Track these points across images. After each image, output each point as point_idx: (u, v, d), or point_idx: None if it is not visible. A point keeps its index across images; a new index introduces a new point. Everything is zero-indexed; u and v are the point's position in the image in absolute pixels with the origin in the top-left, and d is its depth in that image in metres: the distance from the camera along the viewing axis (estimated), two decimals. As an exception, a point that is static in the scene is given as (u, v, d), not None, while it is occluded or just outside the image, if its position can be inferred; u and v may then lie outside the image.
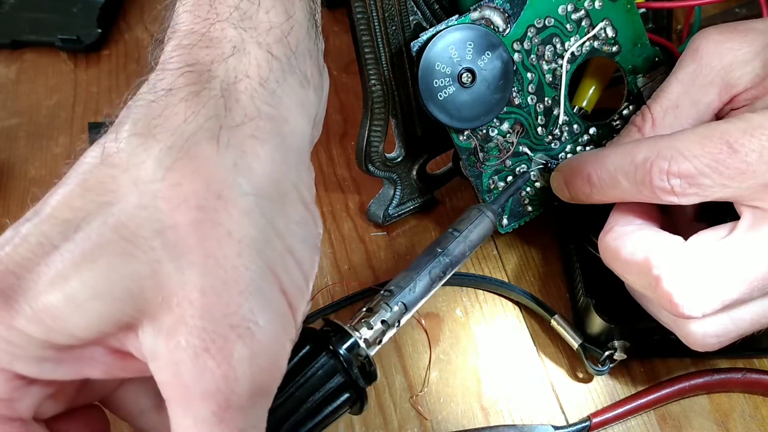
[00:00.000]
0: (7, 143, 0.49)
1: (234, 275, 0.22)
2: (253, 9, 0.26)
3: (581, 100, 0.40)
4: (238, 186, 0.23)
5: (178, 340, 0.22)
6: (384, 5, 0.34)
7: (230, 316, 0.22)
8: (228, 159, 0.23)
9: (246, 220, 0.23)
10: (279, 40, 0.26)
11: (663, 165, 0.29)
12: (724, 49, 0.32)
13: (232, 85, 0.24)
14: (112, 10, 0.56)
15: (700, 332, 0.30)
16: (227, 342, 0.22)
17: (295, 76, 0.26)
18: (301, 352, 0.28)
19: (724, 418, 0.34)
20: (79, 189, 0.22)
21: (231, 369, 0.22)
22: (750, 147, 0.28)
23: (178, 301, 0.22)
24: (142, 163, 0.22)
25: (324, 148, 0.47)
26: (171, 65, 0.25)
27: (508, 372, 0.36)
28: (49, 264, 0.21)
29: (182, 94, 0.24)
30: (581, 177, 0.33)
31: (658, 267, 0.29)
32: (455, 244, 0.33)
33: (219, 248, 0.22)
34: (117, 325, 0.22)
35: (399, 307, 0.31)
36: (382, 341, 0.30)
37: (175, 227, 0.22)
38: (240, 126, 0.24)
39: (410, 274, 0.32)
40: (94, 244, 0.21)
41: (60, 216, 0.22)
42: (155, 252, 0.22)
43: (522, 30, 0.35)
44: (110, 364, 0.24)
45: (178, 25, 0.26)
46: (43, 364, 0.22)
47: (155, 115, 0.23)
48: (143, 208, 0.22)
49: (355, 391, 0.28)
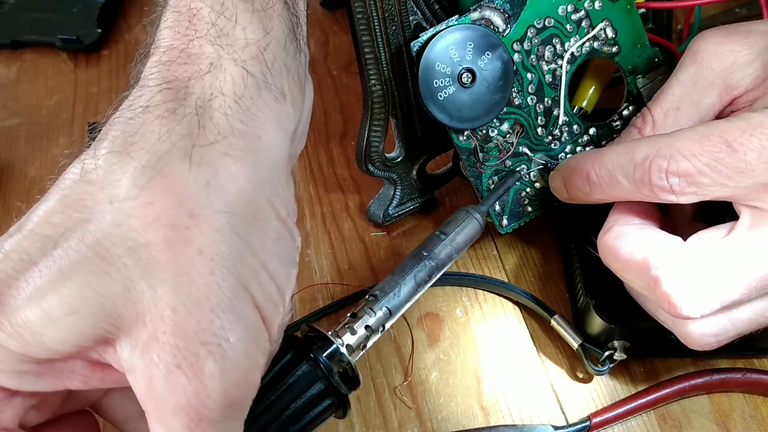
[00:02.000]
0: (7, 143, 0.49)
1: (206, 292, 0.23)
2: (230, 26, 0.26)
3: (581, 101, 0.40)
4: (210, 204, 0.23)
5: (151, 356, 0.22)
6: (384, 5, 0.34)
7: (201, 333, 0.22)
8: (200, 177, 0.23)
9: (218, 237, 0.23)
10: (255, 57, 0.26)
11: (662, 164, 0.29)
12: (725, 51, 0.32)
13: (207, 102, 0.25)
14: (112, 10, 0.56)
15: (699, 332, 0.30)
16: (198, 358, 0.22)
17: (271, 92, 0.26)
18: (283, 360, 0.28)
19: (724, 418, 0.34)
20: (59, 205, 0.23)
21: (202, 385, 0.22)
22: (749, 146, 0.28)
23: (151, 318, 0.22)
24: (118, 181, 0.23)
25: (324, 148, 0.47)
26: (150, 82, 0.25)
27: (508, 372, 0.36)
28: (28, 280, 0.22)
29: (159, 111, 0.24)
30: (580, 176, 0.33)
31: (656, 267, 0.29)
32: (441, 247, 0.33)
33: (191, 266, 0.23)
34: (94, 339, 0.23)
35: (383, 312, 0.31)
36: (367, 346, 0.30)
37: (147, 245, 0.22)
38: (213, 144, 0.24)
39: (395, 278, 0.32)
40: (70, 261, 0.22)
41: (40, 232, 0.23)
42: (128, 269, 0.22)
43: (522, 30, 0.36)
44: (90, 376, 0.24)
45: (159, 41, 0.26)
46: (23, 377, 0.23)
47: (132, 132, 0.24)
48: (117, 226, 0.22)
49: (337, 397, 0.28)
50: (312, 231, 0.42)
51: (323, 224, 0.43)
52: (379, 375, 0.37)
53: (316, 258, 0.41)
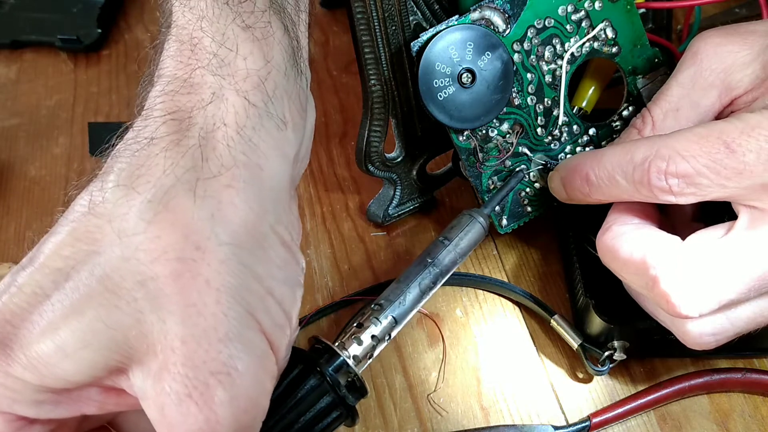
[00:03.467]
0: (7, 143, 0.49)
1: (213, 323, 0.23)
2: (231, 56, 0.26)
3: (581, 101, 0.40)
4: (215, 236, 0.24)
5: (162, 385, 0.23)
6: (384, 5, 0.34)
7: (210, 362, 0.23)
8: (205, 210, 0.24)
9: (224, 268, 0.24)
10: (256, 86, 0.26)
11: (661, 165, 0.29)
12: (724, 51, 0.32)
13: (210, 133, 0.25)
14: (112, 10, 0.56)
15: (697, 331, 0.30)
16: (208, 388, 0.23)
17: (273, 120, 0.27)
18: (291, 375, 0.28)
19: (724, 418, 0.34)
20: (69, 238, 0.24)
21: (212, 413, 0.23)
22: (747, 147, 0.28)
23: (161, 349, 0.23)
24: (125, 215, 0.23)
25: (324, 148, 0.47)
26: (155, 113, 0.26)
27: (508, 372, 0.36)
28: (42, 314, 0.23)
29: (163, 143, 0.25)
30: (580, 176, 0.33)
31: (655, 267, 0.29)
32: (445, 253, 0.33)
33: (198, 297, 0.23)
34: (107, 369, 0.23)
35: (389, 320, 0.31)
36: (373, 356, 0.31)
37: (155, 278, 0.23)
38: (216, 177, 0.24)
39: (400, 286, 0.32)
40: (81, 295, 0.23)
41: (52, 265, 0.23)
42: (138, 303, 0.23)
43: (522, 30, 0.36)
44: (105, 401, 0.25)
45: (162, 70, 0.27)
46: (41, 406, 0.24)
47: (138, 165, 0.24)
48: (126, 260, 0.23)
49: (345, 408, 0.29)
50: (312, 231, 0.43)
51: (323, 224, 0.43)
52: (379, 375, 0.37)
53: (316, 258, 0.41)
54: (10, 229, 0.44)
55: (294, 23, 0.30)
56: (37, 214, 0.44)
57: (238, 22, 0.27)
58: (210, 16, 0.27)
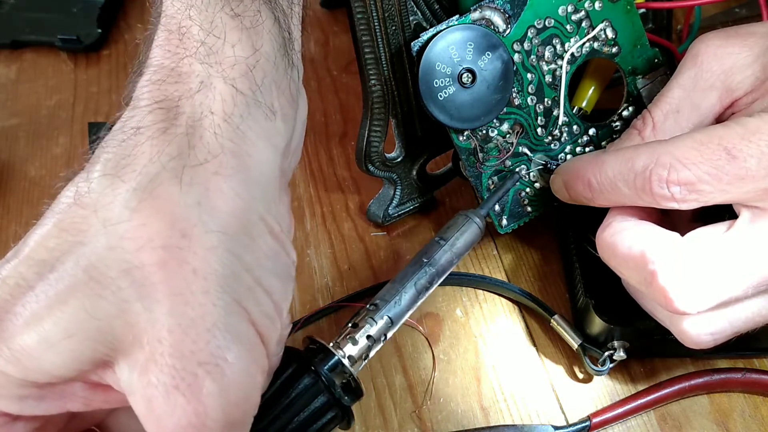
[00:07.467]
0: (7, 143, 0.49)
1: (201, 312, 0.23)
2: (219, 44, 0.26)
3: (581, 101, 0.40)
4: (203, 224, 0.23)
5: (149, 377, 0.22)
6: (384, 5, 0.34)
7: (198, 353, 0.22)
8: (191, 198, 0.23)
9: (211, 256, 0.23)
10: (244, 74, 0.26)
11: (662, 173, 0.29)
12: (725, 53, 0.32)
13: (198, 121, 0.25)
14: (112, 10, 0.56)
15: (695, 329, 0.30)
16: (196, 379, 0.22)
17: (261, 109, 0.26)
18: (285, 374, 0.28)
19: (724, 418, 0.34)
20: (54, 229, 0.23)
21: (201, 404, 0.22)
22: (748, 152, 0.28)
23: (148, 340, 0.22)
24: (110, 204, 0.23)
25: (324, 148, 0.47)
26: (141, 102, 0.25)
27: (508, 372, 0.36)
28: (25, 305, 0.22)
29: (149, 132, 0.24)
30: (582, 182, 0.33)
31: (654, 262, 0.29)
32: (441, 253, 0.33)
33: (185, 286, 0.23)
34: (92, 362, 0.23)
35: (384, 321, 0.31)
36: (369, 356, 0.30)
37: (141, 267, 0.22)
38: (203, 164, 0.24)
39: (395, 286, 0.32)
40: (66, 285, 0.22)
41: (36, 257, 0.23)
42: (123, 292, 0.22)
43: (522, 31, 0.36)
44: (91, 398, 0.25)
45: (150, 60, 0.27)
46: (24, 401, 0.23)
47: (124, 154, 0.24)
48: (111, 249, 0.23)
49: (340, 409, 0.28)
50: (312, 231, 0.43)
51: (323, 224, 0.43)
52: (379, 375, 0.37)
53: (316, 258, 0.41)
54: (9, 229, 0.44)
55: (286, 15, 0.29)
56: (37, 214, 0.44)
57: (226, 11, 0.27)
58: (198, 5, 0.27)
